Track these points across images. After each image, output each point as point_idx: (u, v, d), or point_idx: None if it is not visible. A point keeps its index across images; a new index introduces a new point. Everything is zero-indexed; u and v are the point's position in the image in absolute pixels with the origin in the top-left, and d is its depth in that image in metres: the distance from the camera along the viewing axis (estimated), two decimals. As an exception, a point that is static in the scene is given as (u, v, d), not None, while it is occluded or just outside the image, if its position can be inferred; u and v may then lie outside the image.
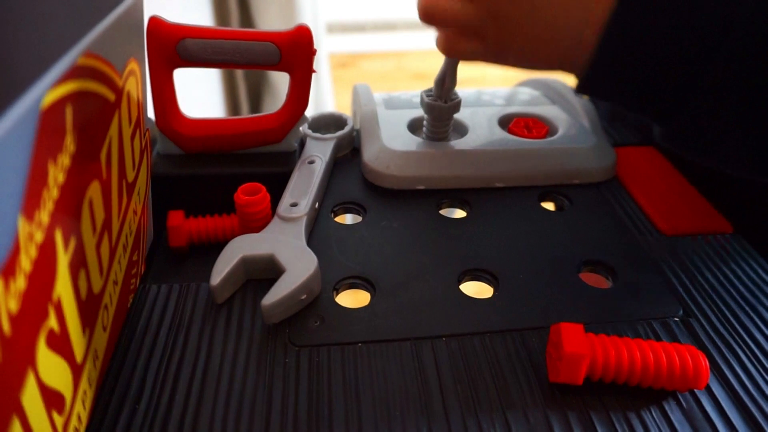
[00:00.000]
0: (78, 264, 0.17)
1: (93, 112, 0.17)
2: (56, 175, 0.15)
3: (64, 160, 0.15)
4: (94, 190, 0.18)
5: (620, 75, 0.27)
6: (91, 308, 0.19)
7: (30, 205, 0.13)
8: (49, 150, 0.14)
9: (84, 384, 0.19)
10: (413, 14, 0.32)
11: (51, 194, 0.15)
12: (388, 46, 2.03)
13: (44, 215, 0.14)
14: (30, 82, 0.14)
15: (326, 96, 1.39)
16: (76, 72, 0.16)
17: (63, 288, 0.16)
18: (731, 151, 0.26)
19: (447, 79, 0.35)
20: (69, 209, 0.16)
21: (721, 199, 0.36)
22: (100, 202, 0.19)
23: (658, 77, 0.26)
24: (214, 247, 0.31)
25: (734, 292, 0.29)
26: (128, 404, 0.23)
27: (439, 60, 0.34)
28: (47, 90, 0.14)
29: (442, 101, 0.36)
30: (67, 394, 0.17)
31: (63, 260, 0.16)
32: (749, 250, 0.32)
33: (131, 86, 0.22)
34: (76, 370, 0.18)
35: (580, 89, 0.29)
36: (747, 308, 0.28)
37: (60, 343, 0.16)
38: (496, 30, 0.29)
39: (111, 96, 0.19)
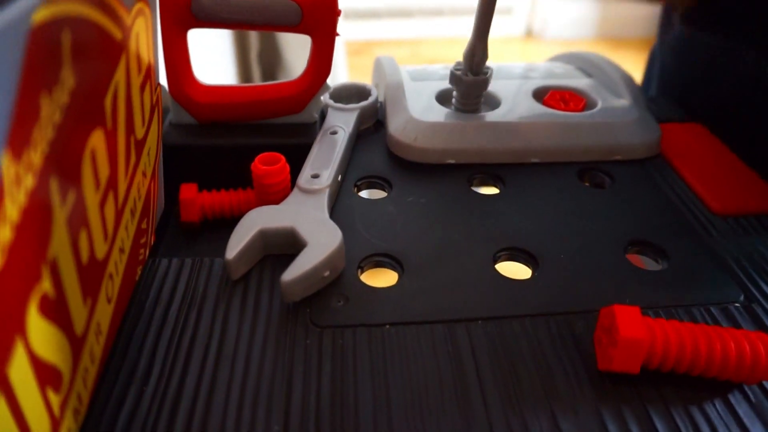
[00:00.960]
0: (78, 222, 0.15)
1: (96, 47, 0.15)
2: (51, 111, 0.13)
3: (61, 96, 0.13)
4: (98, 140, 0.16)
5: None
6: (94, 275, 0.17)
7: (17, 141, 0.11)
8: (42, 79, 0.12)
9: (85, 360, 0.17)
10: (429, 1, 0.30)
11: (44, 133, 0.13)
12: (402, 33, 2.00)
13: (36, 156, 0.12)
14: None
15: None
16: (74, -7, 0.13)
17: (59, 247, 0.14)
18: None
19: (477, 52, 0.32)
20: (67, 156, 0.14)
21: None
22: (104, 155, 0.17)
23: None
24: (228, 222, 0.29)
25: (800, 277, 0.26)
26: (135, 386, 0.21)
27: (455, 47, 0.32)
28: (39, 4, 0.12)
29: (472, 75, 0.33)
30: (65, 370, 0.15)
31: (60, 215, 0.14)
32: (813, 232, 0.29)
33: (140, 28, 0.19)
34: (76, 344, 0.16)
35: None
36: (816, 294, 0.25)
37: (56, 311, 0.14)
38: None
39: (117, 33, 0.17)
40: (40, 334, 0.13)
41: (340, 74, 1.36)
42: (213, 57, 0.96)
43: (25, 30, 0.11)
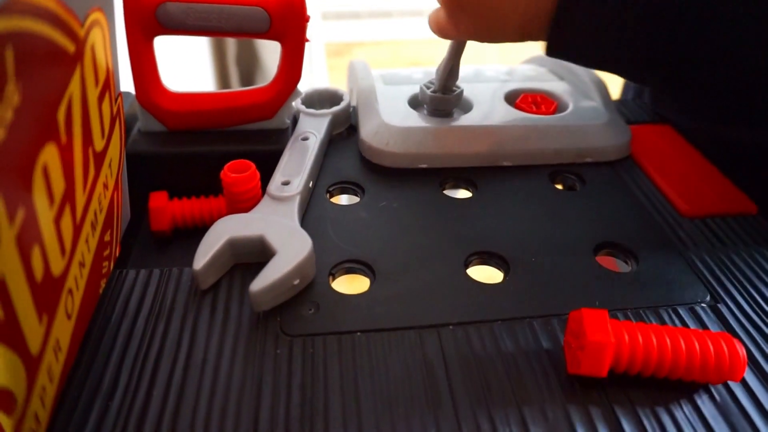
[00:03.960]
0: (30, 240, 0.15)
1: (45, 61, 0.15)
2: (-5, 129, 0.12)
3: (5, 113, 0.13)
4: (50, 155, 0.15)
5: (592, 18, 0.25)
6: (50, 292, 0.17)
7: (-45, 162, 0.11)
8: (-17, 97, 0.12)
9: (42, 379, 0.17)
10: (409, 2, 0.31)
11: (-13, 153, 0.12)
12: (383, 34, 1.99)
13: (-23, 177, 0.12)
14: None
15: (321, 85, 1.36)
16: (17, 6, 0.13)
17: (8, 267, 0.14)
18: (734, 104, 0.24)
19: (450, 70, 0.33)
20: (14, 173, 0.14)
21: (742, 179, 0.33)
22: (58, 169, 0.16)
23: (634, 19, 0.24)
24: (200, 231, 0.28)
25: (764, 275, 0.27)
26: (99, 401, 0.20)
27: (434, 47, 0.32)
28: (-23, 22, 0.11)
29: (442, 93, 0.34)
30: (19, 392, 0.15)
31: (7, 234, 0.13)
32: (777, 231, 0.30)
33: (96, 39, 0.19)
34: (31, 364, 0.16)
35: (551, 43, 0.27)
36: (780, 293, 0.26)
37: (6, 332, 0.14)
38: None
39: (69, 46, 0.16)
40: (-12, 357, 0.13)
41: (319, 75, 1.36)
42: (191, 60, 0.95)
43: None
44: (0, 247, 0.13)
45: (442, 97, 0.34)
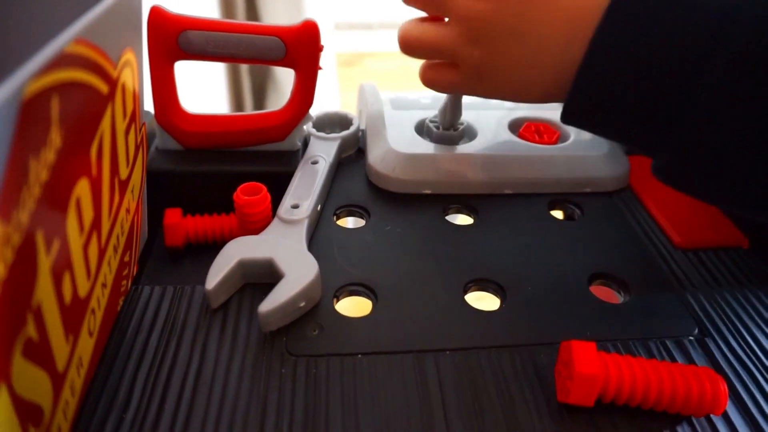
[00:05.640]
0: (62, 267, 0.16)
1: (83, 105, 0.16)
2: (39, 171, 0.14)
3: (48, 155, 0.14)
4: (83, 188, 0.17)
5: (608, 96, 0.25)
6: (76, 313, 0.18)
7: (7, 205, 0.12)
8: (31, 144, 0.13)
9: (66, 394, 0.18)
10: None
11: (32, 193, 0.14)
12: (393, 45, 2.01)
13: (23, 215, 0.13)
14: (11, 69, 0.12)
15: (331, 95, 1.38)
16: (64, 60, 0.14)
17: (44, 293, 0.15)
18: (737, 189, 0.24)
19: (452, 110, 0.34)
20: (53, 209, 0.15)
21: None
22: (89, 200, 0.18)
23: (650, 97, 0.24)
24: (212, 247, 0.30)
25: (752, 311, 0.28)
26: (114, 413, 0.22)
27: None
28: (30, 78, 0.13)
29: (446, 129, 0.36)
30: (46, 406, 0.16)
31: (44, 264, 0.15)
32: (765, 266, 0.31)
33: (126, 78, 0.20)
34: (57, 380, 0.17)
35: (566, 116, 0.27)
36: (766, 328, 0.27)
37: (39, 353, 0.15)
38: (479, 54, 0.28)
39: (104, 88, 0.18)
40: (23, 377, 0.14)
41: (329, 85, 1.38)
42: (203, 72, 0.97)
43: (17, 105, 0.12)
44: (38, 276, 0.14)
45: (447, 134, 0.36)
